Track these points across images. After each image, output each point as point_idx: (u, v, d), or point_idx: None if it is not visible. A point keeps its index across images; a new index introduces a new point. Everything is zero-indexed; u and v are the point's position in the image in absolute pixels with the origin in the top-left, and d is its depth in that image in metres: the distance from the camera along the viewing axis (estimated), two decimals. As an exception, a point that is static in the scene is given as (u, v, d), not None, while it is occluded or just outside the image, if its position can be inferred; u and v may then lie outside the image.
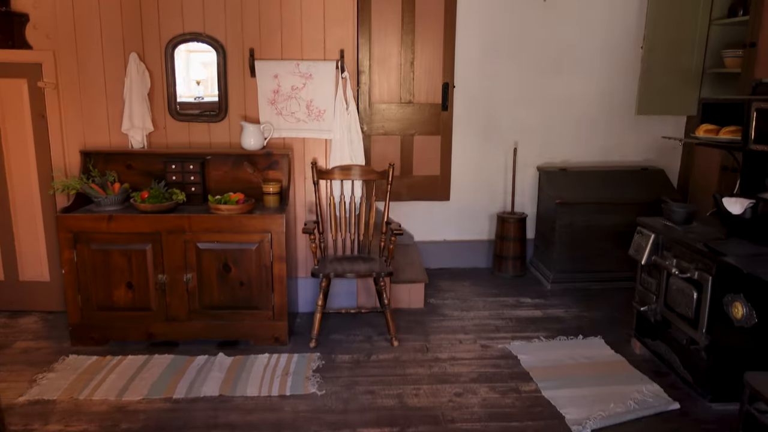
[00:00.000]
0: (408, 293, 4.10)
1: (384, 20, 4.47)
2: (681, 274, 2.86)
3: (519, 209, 4.92)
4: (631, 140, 4.89)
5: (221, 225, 3.33)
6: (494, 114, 4.77)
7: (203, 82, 3.85)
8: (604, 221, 4.47)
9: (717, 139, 3.07)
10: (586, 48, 4.70)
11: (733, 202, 2.92)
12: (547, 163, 4.88)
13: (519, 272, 4.78)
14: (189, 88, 3.83)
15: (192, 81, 3.85)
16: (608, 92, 4.79)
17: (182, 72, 3.74)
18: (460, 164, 4.83)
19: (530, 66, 4.71)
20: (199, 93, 3.85)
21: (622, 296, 4.32)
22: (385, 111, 4.63)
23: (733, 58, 4.31)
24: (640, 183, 4.59)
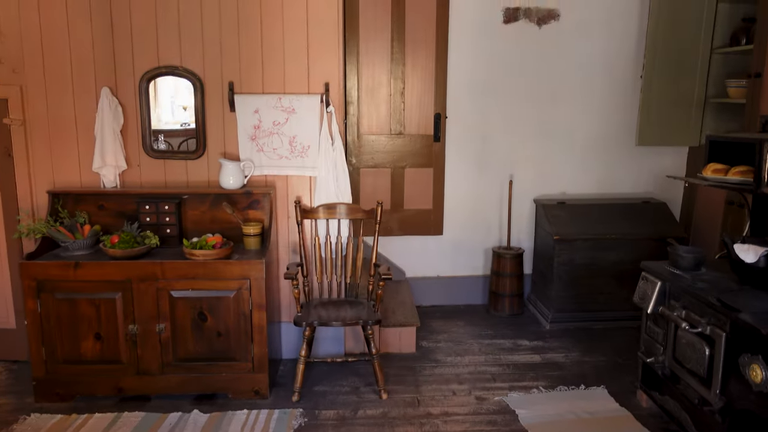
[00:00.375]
0: (398, 337, 3.87)
1: (373, 50, 4.29)
2: (691, 329, 2.64)
3: (515, 244, 4.71)
4: (631, 172, 4.70)
5: (196, 272, 3.10)
6: (489, 145, 4.58)
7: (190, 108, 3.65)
8: (605, 258, 4.26)
9: (726, 180, 2.87)
10: (583, 76, 4.53)
11: (746, 250, 2.71)
12: (544, 195, 4.68)
13: (516, 311, 4.55)
14: (174, 115, 3.63)
15: (178, 107, 3.65)
16: (607, 122, 4.61)
17: (167, 98, 3.56)
18: (454, 197, 4.63)
19: (526, 95, 4.53)
20: (186, 119, 3.65)
21: (625, 337, 4.10)
22: (374, 143, 4.43)
23: (737, 88, 4.14)
24: (642, 217, 4.39)
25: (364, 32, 4.26)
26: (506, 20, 4.39)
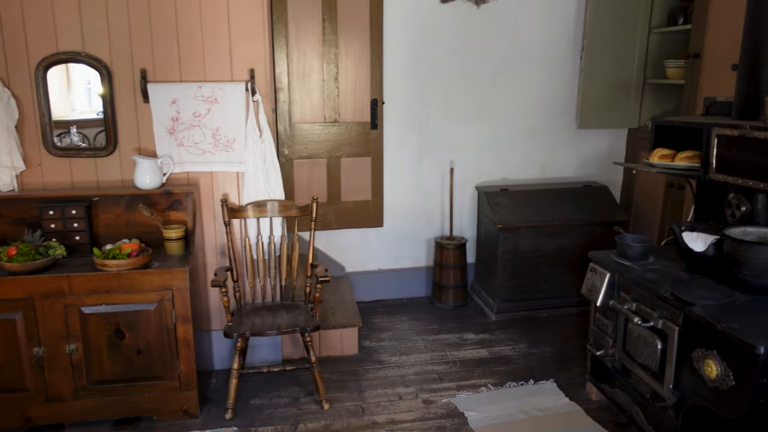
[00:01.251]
0: (340, 339, 3.65)
1: (303, 32, 3.98)
2: (643, 323, 2.54)
3: (458, 233, 4.56)
4: (572, 155, 4.62)
5: (110, 284, 2.77)
6: (428, 131, 4.38)
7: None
8: (549, 244, 4.17)
9: (674, 166, 2.78)
10: (523, 59, 4.38)
11: (695, 238, 2.63)
12: (486, 182, 4.54)
13: (460, 302, 4.41)
14: (91, 103, 3.23)
15: (95, 94, 3.25)
16: (548, 105, 4.49)
17: (82, 84, 3.16)
18: (394, 187, 4.42)
19: (466, 78, 4.34)
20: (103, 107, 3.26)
21: (571, 325, 4.03)
22: (308, 132, 4.15)
23: (675, 69, 4.10)
24: (585, 201, 4.31)
25: (292, 13, 3.95)
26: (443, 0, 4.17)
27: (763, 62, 2.45)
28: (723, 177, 2.50)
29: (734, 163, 2.44)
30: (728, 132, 2.44)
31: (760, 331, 2.08)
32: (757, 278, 2.35)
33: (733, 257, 2.41)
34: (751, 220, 2.63)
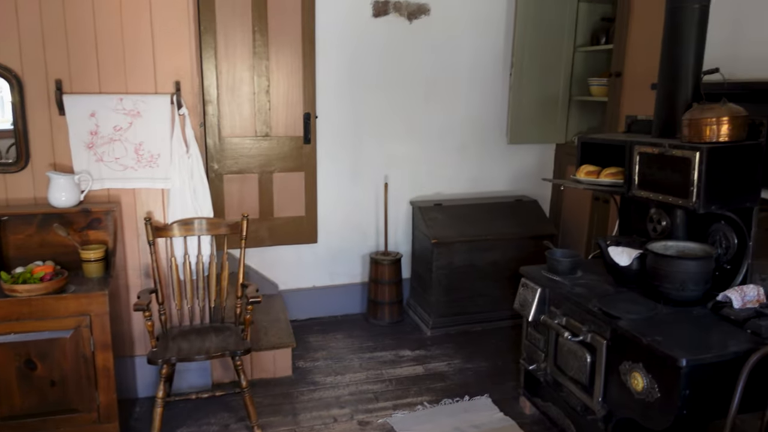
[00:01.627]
0: (273, 360, 3.54)
1: (233, 43, 3.88)
2: (573, 337, 2.58)
3: (393, 248, 4.54)
4: (504, 170, 4.70)
5: (20, 311, 2.56)
6: (362, 146, 4.35)
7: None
8: (483, 259, 4.21)
9: (599, 183, 2.86)
10: (455, 74, 4.43)
11: (620, 253, 2.71)
12: (420, 197, 4.55)
13: (396, 318, 4.39)
14: (3, 112, 3.00)
15: (8, 102, 3.02)
16: (479, 121, 4.56)
17: None
18: (328, 202, 4.35)
19: (399, 93, 4.35)
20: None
21: (504, 338, 4.07)
22: (238, 146, 4.03)
23: (598, 87, 4.25)
24: (516, 215, 4.39)
25: (222, 24, 3.84)
26: (376, 14, 4.17)
27: (679, 83, 2.56)
28: (645, 193, 2.58)
29: (655, 180, 2.52)
30: (649, 150, 2.52)
31: (682, 343, 2.15)
32: (678, 291, 2.43)
33: (655, 271, 2.49)
34: (671, 234, 2.73)
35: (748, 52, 2.91)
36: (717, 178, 2.30)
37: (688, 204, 2.34)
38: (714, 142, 2.29)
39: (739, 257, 2.49)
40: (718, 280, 2.53)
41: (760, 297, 2.34)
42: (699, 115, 2.32)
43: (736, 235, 2.50)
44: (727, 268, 2.53)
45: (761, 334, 2.18)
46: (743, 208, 2.42)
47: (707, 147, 2.26)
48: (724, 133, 2.28)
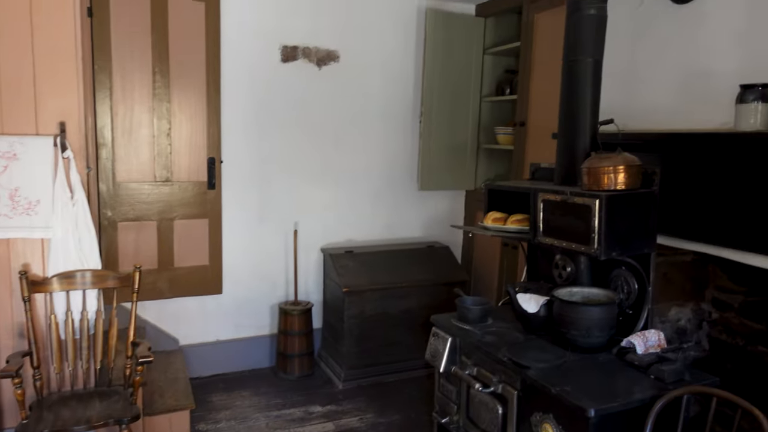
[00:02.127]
0: (169, 425, 3.23)
1: (130, 84, 3.67)
2: (484, 389, 2.51)
3: (303, 297, 4.37)
4: (416, 216, 4.69)
5: None
6: (271, 192, 4.21)
7: None
8: (396, 307, 4.12)
9: (506, 229, 2.86)
10: (365, 120, 4.42)
11: (528, 300, 2.70)
12: (331, 243, 4.44)
13: (307, 371, 4.18)
14: None
15: None
16: (391, 166, 4.55)
17: None
18: (234, 250, 4.14)
19: (309, 138, 4.27)
20: None
21: (418, 389, 3.97)
22: (135, 192, 3.77)
23: (504, 135, 4.36)
24: (428, 262, 4.36)
25: (118, 63, 3.63)
26: (284, 59, 4.11)
27: (578, 133, 2.63)
28: (549, 240, 2.60)
29: (558, 227, 2.55)
30: (551, 197, 2.55)
31: (590, 392, 2.12)
32: (584, 338, 2.43)
33: (562, 318, 2.48)
34: (576, 279, 2.76)
35: (639, 105, 3.06)
36: (616, 225, 2.34)
37: (590, 250, 2.37)
38: (612, 189, 2.34)
39: (640, 302, 2.53)
40: (621, 326, 2.56)
41: (661, 342, 2.38)
42: (597, 164, 2.38)
43: (636, 281, 2.55)
44: (630, 313, 2.57)
45: (664, 380, 2.19)
46: (642, 254, 2.48)
47: (606, 195, 2.31)
48: (621, 182, 2.34)
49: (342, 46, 4.25)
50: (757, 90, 2.30)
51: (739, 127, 2.36)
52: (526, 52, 3.98)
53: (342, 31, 4.24)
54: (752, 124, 2.31)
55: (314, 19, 4.15)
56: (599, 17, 2.57)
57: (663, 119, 2.92)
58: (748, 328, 2.75)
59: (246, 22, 3.97)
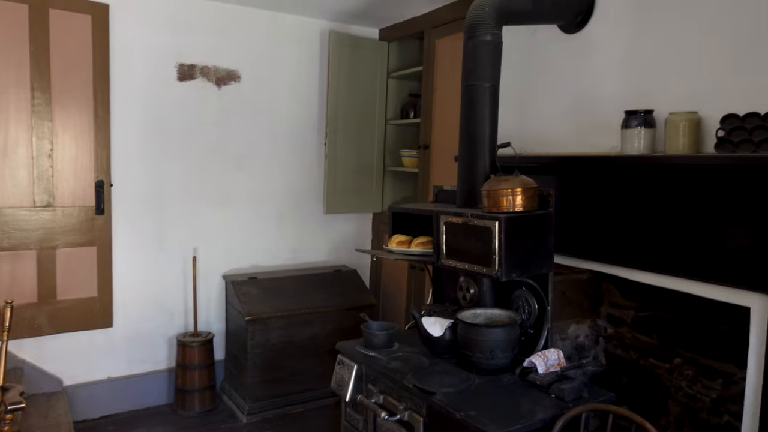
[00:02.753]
0: (47, 477, 2.92)
1: (5, 100, 3.36)
2: (390, 417, 2.44)
3: (204, 328, 4.14)
4: (322, 240, 4.60)
5: None
6: (168, 216, 3.98)
7: None
8: (302, 334, 3.99)
9: (410, 252, 2.83)
10: (269, 143, 4.30)
11: (433, 323, 2.67)
12: (234, 270, 4.25)
13: (208, 406, 3.94)
14: None
15: None
16: (296, 190, 4.45)
17: None
18: (126, 280, 3.86)
19: (209, 162, 4.09)
20: None
21: (328, 418, 3.84)
22: (10, 218, 3.44)
23: (409, 158, 4.38)
24: (336, 286, 4.27)
25: (-9, 77, 3.32)
26: (181, 78, 3.93)
27: (477, 156, 2.66)
28: (452, 262, 2.59)
29: (461, 249, 2.55)
30: (453, 220, 2.56)
31: (494, 415, 2.11)
32: (488, 360, 2.43)
33: (466, 341, 2.47)
34: (479, 301, 2.77)
35: (534, 129, 3.16)
36: (516, 247, 2.37)
37: (491, 272, 2.38)
38: (511, 212, 2.37)
39: (541, 322, 2.58)
40: (524, 345, 2.58)
41: (561, 361, 2.42)
42: (496, 186, 2.41)
43: (536, 301, 2.59)
44: (531, 332, 2.61)
45: (564, 398, 2.22)
46: (541, 275, 2.53)
47: (505, 216, 2.33)
48: (519, 203, 2.38)
49: (243, 66, 4.13)
50: (639, 116, 2.42)
51: (625, 151, 2.48)
52: (428, 77, 4.04)
53: (243, 51, 4.12)
54: (636, 148, 2.43)
55: (213, 37, 4.01)
56: (495, 44, 2.63)
57: (557, 143, 3.03)
58: (641, 342, 2.87)
59: (138, 37, 3.77)
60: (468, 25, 2.66)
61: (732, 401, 2.43)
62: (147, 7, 3.77)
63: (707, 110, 2.31)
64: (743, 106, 2.18)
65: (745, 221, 2.05)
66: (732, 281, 2.10)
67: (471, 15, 2.65)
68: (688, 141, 2.27)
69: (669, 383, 2.70)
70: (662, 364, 2.74)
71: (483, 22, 2.61)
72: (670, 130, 2.31)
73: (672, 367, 2.70)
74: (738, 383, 2.40)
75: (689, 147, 2.27)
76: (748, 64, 2.20)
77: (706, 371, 2.54)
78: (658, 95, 2.53)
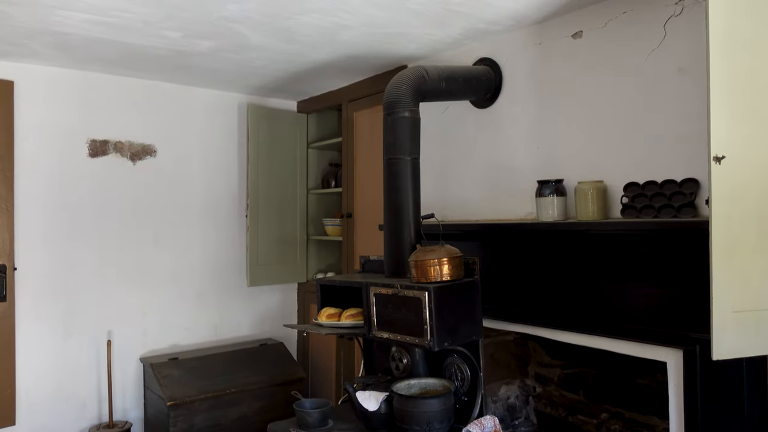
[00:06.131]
0: None
1: None
2: (329, 502, 2.35)
3: (120, 416, 3.86)
4: (247, 313, 4.47)
5: None
6: (77, 300, 3.74)
7: None
8: (229, 415, 3.80)
9: (341, 325, 2.81)
10: (187, 217, 4.19)
11: (367, 397, 2.64)
12: (152, 351, 4.03)
13: (126, 504, 3.63)
14: None
15: None
16: (217, 263, 4.32)
17: None
18: (31, 371, 3.56)
19: (123, 239, 3.91)
20: None
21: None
22: None
23: (332, 227, 4.41)
24: (262, 361, 4.13)
25: None
26: (92, 154, 3.80)
27: (402, 227, 2.72)
28: (384, 333, 2.59)
29: (392, 320, 2.56)
30: (383, 291, 2.58)
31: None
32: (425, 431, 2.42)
33: (402, 414, 2.46)
34: (413, 371, 2.78)
35: (453, 197, 3.29)
36: (445, 315, 2.41)
37: (423, 343, 2.40)
38: (439, 281, 2.43)
39: (474, 388, 2.60)
40: (459, 413, 2.59)
41: (497, 427, 2.44)
42: (423, 257, 2.46)
43: (468, 367, 2.63)
44: (465, 399, 2.63)
45: (503, 466, 2.24)
46: (471, 342, 2.57)
47: (434, 286, 2.38)
48: (446, 273, 2.44)
49: (158, 141, 4.05)
50: (551, 185, 2.59)
51: (540, 218, 2.63)
52: (348, 147, 4.13)
53: (158, 125, 4.06)
54: (551, 215, 2.58)
55: (126, 112, 3.92)
56: (413, 120, 2.75)
57: (476, 209, 3.16)
58: (568, 399, 2.96)
59: (46, 113, 3.63)
60: (386, 102, 2.77)
61: (657, 453, 2.54)
62: (55, 83, 3.66)
63: (610, 179, 2.51)
64: (640, 174, 2.39)
65: (654, 280, 2.21)
66: (647, 338, 2.23)
67: (389, 93, 2.77)
68: (596, 207, 2.44)
69: (598, 439, 2.79)
70: (590, 419, 2.84)
71: (401, 99, 2.73)
72: (580, 197, 2.48)
73: (600, 422, 2.79)
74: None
75: (598, 213, 2.44)
76: (640, 138, 2.43)
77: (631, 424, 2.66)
78: (566, 165, 2.72)
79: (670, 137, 2.34)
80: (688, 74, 2.28)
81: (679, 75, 2.31)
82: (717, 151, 1.76)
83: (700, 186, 2.21)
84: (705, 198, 2.13)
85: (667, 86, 2.35)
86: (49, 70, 3.64)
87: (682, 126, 2.30)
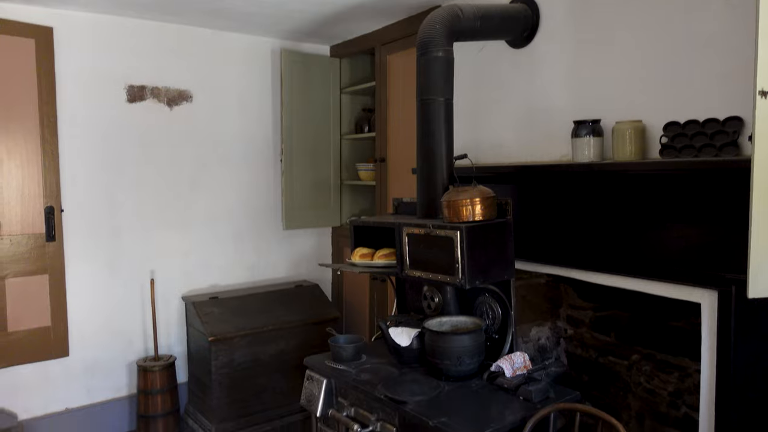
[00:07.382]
0: None
1: (-55, 127, 3.24)
2: (362, 429, 2.46)
3: (165, 351, 4.06)
4: (282, 256, 4.59)
5: None
6: (122, 240, 3.89)
7: None
8: (267, 351, 3.96)
9: (374, 265, 2.88)
10: (224, 162, 4.27)
11: (400, 333, 2.72)
12: (193, 290, 4.19)
13: (172, 431, 3.86)
14: None
15: None
16: (254, 207, 4.42)
17: None
18: (81, 307, 3.76)
19: (163, 183, 4.02)
20: None
21: (295, 436, 3.82)
22: (-44, 250, 3.30)
23: (366, 171, 4.43)
24: (298, 301, 4.26)
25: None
26: (131, 99, 3.87)
27: (435, 168, 2.72)
28: (416, 272, 2.64)
29: (424, 259, 2.60)
30: (415, 231, 2.61)
31: (466, 422, 2.16)
32: (456, 367, 2.49)
33: (433, 349, 2.52)
34: (444, 309, 2.83)
35: (488, 140, 3.26)
36: (477, 255, 2.44)
37: (455, 281, 2.44)
38: (471, 221, 2.44)
39: (505, 326, 2.65)
40: (490, 350, 2.65)
41: (527, 363, 2.50)
42: (455, 197, 2.47)
43: (499, 306, 2.67)
44: (496, 337, 2.68)
45: (531, 400, 2.30)
46: (503, 281, 2.60)
47: (466, 226, 2.40)
48: (479, 213, 2.45)
49: (194, 86, 4.10)
50: (588, 125, 2.54)
51: (576, 159, 2.59)
52: (381, 92, 4.10)
53: (194, 71, 4.09)
54: (587, 156, 2.55)
55: (163, 57, 3.97)
56: (447, 60, 2.71)
57: (511, 153, 3.14)
58: (599, 341, 2.99)
59: (85, 60, 3.69)
60: (420, 42, 2.73)
61: (688, 393, 2.56)
62: (93, 30, 3.71)
63: (649, 119, 2.45)
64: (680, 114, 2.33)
65: (691, 221, 2.18)
66: (682, 279, 2.22)
67: (422, 32, 2.73)
68: (634, 148, 2.39)
69: (628, 379, 2.83)
70: (621, 361, 2.87)
71: (434, 39, 2.69)
72: (618, 138, 2.43)
73: (630, 363, 2.82)
74: (693, 376, 2.53)
75: (636, 154, 2.40)
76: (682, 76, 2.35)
77: (662, 366, 2.68)
78: (603, 106, 2.66)
79: (714, 74, 2.25)
80: (735, 5, 2.18)
81: (726, 7, 2.21)
82: (763, 85, 1.69)
83: (744, 124, 2.14)
84: (748, 135, 2.07)
85: (713, 20, 2.25)
86: (87, 16, 3.68)
87: (727, 62, 2.21)
